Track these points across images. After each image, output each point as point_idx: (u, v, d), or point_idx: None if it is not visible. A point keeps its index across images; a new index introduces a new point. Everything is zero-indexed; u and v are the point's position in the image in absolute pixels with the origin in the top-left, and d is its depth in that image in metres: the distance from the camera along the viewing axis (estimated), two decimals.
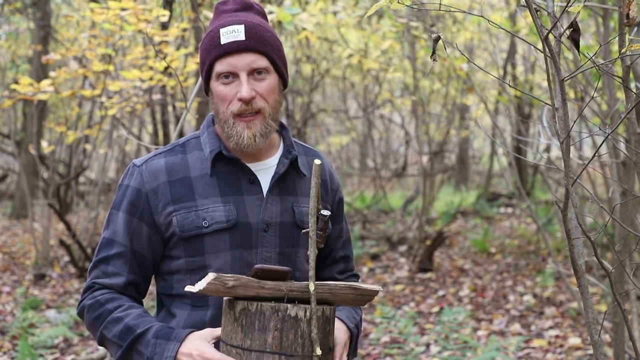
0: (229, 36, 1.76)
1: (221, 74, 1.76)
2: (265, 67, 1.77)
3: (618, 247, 3.42)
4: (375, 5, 1.68)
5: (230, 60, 1.75)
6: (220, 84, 1.77)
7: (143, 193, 1.81)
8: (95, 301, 1.78)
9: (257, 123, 1.76)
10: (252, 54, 1.76)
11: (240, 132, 1.76)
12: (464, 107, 11.87)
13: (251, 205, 1.81)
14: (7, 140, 12.53)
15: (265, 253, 1.81)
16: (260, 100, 1.76)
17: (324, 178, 1.94)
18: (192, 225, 1.78)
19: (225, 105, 1.77)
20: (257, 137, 1.76)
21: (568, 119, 1.53)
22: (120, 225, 1.81)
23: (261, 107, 1.76)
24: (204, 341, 1.66)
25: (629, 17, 1.49)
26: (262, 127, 1.76)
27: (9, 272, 7.84)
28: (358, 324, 1.88)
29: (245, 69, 1.75)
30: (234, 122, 1.76)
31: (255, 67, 1.76)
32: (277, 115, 1.82)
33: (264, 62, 1.77)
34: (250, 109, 1.75)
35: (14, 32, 11.08)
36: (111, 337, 1.74)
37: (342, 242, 2.00)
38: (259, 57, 1.77)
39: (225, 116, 1.77)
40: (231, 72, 1.76)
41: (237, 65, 1.75)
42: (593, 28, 6.04)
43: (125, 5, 4.30)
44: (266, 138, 1.78)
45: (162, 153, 1.86)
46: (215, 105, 1.80)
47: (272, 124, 1.79)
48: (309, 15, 5.07)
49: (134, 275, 1.81)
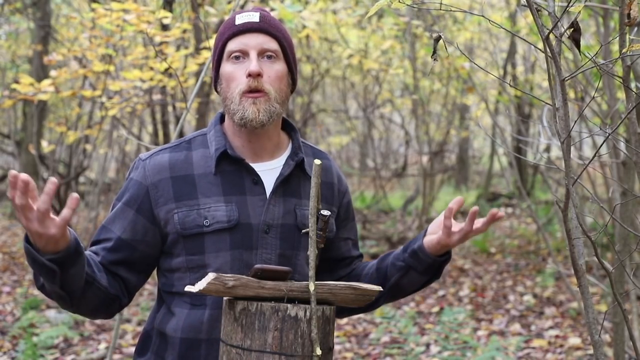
0: (244, 18, 1.81)
1: (232, 53, 1.79)
2: (275, 51, 1.80)
3: (618, 247, 3.42)
4: (377, 5, 1.68)
5: (242, 39, 1.79)
6: (230, 64, 1.80)
7: (144, 186, 1.81)
8: None
9: (262, 100, 1.77)
10: (264, 35, 1.80)
11: (246, 107, 1.77)
12: (464, 107, 11.87)
13: (253, 206, 1.81)
14: (7, 140, 12.52)
15: (265, 254, 1.81)
16: (266, 83, 1.78)
17: (330, 180, 1.95)
18: (193, 224, 1.78)
19: (235, 85, 1.78)
20: (262, 112, 1.77)
21: (569, 119, 1.53)
22: (116, 215, 1.82)
23: (267, 89, 1.77)
24: None
25: (629, 16, 1.49)
26: (267, 106, 1.77)
27: (9, 272, 7.84)
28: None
29: (256, 48, 1.78)
30: (241, 99, 1.77)
31: (266, 49, 1.79)
32: (284, 103, 1.83)
33: (274, 46, 1.80)
34: (257, 85, 1.76)
35: (14, 32, 11.07)
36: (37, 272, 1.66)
37: (350, 243, 2.02)
38: (271, 40, 1.80)
39: (233, 95, 1.78)
40: (242, 51, 1.79)
41: (248, 44, 1.78)
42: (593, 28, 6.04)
43: (127, 7, 4.30)
44: (270, 117, 1.78)
45: (168, 149, 1.87)
46: (223, 91, 1.81)
47: (277, 106, 1.80)
48: (310, 13, 5.07)
49: (112, 265, 1.79)
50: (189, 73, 6.13)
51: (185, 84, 5.84)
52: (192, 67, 5.17)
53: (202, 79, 3.21)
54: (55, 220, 1.54)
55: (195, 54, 5.65)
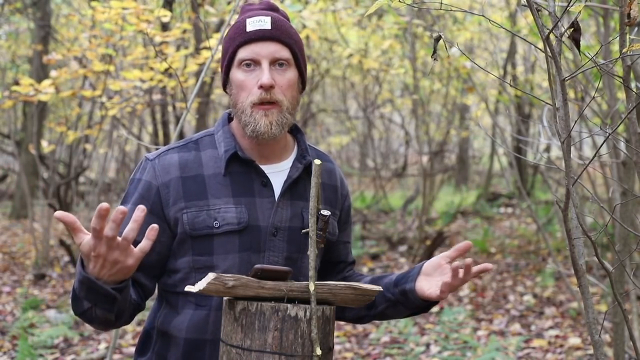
0: (255, 24, 1.77)
1: (243, 61, 1.76)
2: (287, 59, 1.78)
3: (618, 247, 3.42)
4: (376, 4, 1.68)
5: (254, 48, 1.76)
6: (241, 72, 1.77)
7: (154, 186, 1.79)
8: None
9: (274, 112, 1.75)
10: (276, 44, 1.77)
11: (258, 119, 1.75)
12: (464, 107, 11.87)
13: (262, 208, 1.80)
14: (7, 140, 12.52)
15: (273, 257, 1.80)
16: (279, 93, 1.75)
17: (334, 183, 1.95)
18: (203, 225, 1.77)
19: (245, 95, 1.76)
20: (274, 125, 1.75)
21: (569, 119, 1.53)
22: (129, 218, 1.77)
23: (279, 100, 1.75)
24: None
25: (629, 16, 1.49)
26: (279, 117, 1.76)
27: (9, 272, 7.84)
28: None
29: (268, 58, 1.75)
30: (252, 111, 1.75)
31: (278, 57, 1.76)
32: (294, 111, 1.82)
33: (286, 54, 1.78)
34: (269, 97, 1.74)
35: (14, 32, 11.07)
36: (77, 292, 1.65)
37: (349, 247, 2.02)
38: (283, 48, 1.77)
39: (244, 106, 1.76)
40: (253, 60, 1.76)
41: (260, 53, 1.76)
42: (593, 28, 6.04)
43: (127, 5, 4.30)
44: (282, 129, 1.77)
45: (175, 148, 1.85)
46: (233, 97, 1.79)
47: (288, 117, 1.78)
48: (310, 12, 5.07)
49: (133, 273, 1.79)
50: (189, 73, 6.13)
51: (185, 84, 5.84)
52: (192, 67, 5.17)
53: (202, 79, 3.20)
54: (134, 251, 1.54)
55: (195, 54, 5.65)
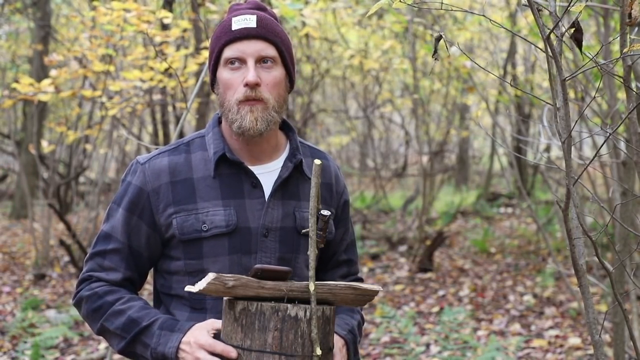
0: (241, 23, 1.77)
1: (229, 60, 1.77)
2: (273, 57, 1.78)
3: (618, 247, 3.42)
4: (378, 4, 1.68)
5: (239, 46, 1.76)
6: (227, 70, 1.77)
7: (145, 192, 1.81)
8: (93, 293, 1.79)
9: (259, 108, 1.76)
10: (261, 42, 1.77)
11: (244, 115, 1.75)
12: (464, 107, 11.87)
13: (252, 209, 1.80)
14: (7, 140, 12.52)
15: (265, 258, 1.80)
16: (265, 91, 1.76)
17: (328, 181, 1.93)
18: (191, 229, 1.78)
19: (231, 93, 1.77)
20: (259, 121, 1.75)
21: (569, 119, 1.53)
22: (119, 222, 1.81)
23: (265, 98, 1.76)
24: (203, 331, 1.68)
25: (630, 16, 1.49)
26: (264, 114, 1.76)
27: (9, 272, 7.83)
28: (354, 328, 1.86)
29: (254, 56, 1.76)
30: (238, 108, 1.76)
31: (264, 55, 1.77)
32: (281, 109, 1.81)
33: (272, 52, 1.78)
34: (255, 95, 1.75)
35: (14, 32, 11.08)
36: (114, 329, 1.75)
37: (345, 245, 1.98)
38: (268, 46, 1.78)
39: (230, 104, 1.77)
40: (239, 58, 1.76)
41: (245, 51, 1.76)
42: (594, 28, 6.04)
43: (128, 7, 4.30)
44: (268, 125, 1.77)
45: (166, 152, 1.86)
46: (220, 96, 1.80)
47: (274, 115, 1.78)
48: (311, 11, 5.07)
49: (130, 272, 1.83)
50: (189, 73, 6.13)
51: (185, 84, 5.84)
52: (192, 67, 5.17)
53: (202, 79, 3.20)
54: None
55: (195, 54, 5.65)
